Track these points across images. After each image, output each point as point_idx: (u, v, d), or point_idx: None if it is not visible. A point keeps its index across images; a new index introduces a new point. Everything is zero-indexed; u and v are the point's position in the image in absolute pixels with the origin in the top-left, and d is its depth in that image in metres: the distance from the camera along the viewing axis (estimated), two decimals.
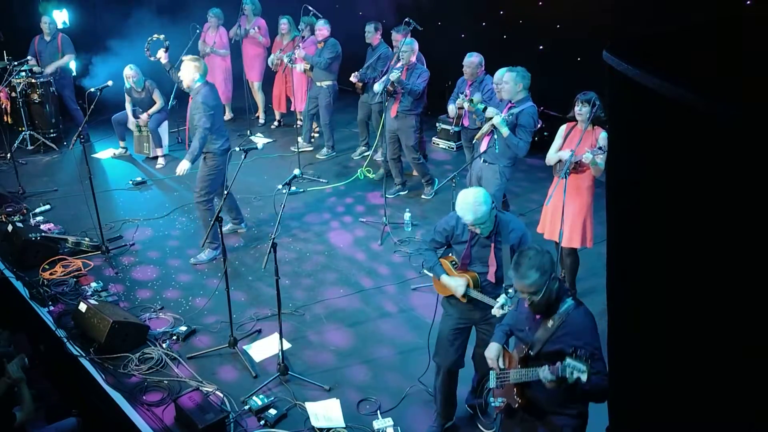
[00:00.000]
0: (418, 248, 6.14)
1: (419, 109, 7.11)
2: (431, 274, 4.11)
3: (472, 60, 6.50)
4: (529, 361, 3.20)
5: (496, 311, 3.66)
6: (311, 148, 8.90)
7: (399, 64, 6.95)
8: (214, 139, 5.99)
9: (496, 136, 5.59)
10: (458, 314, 4.03)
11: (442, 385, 4.18)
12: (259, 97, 9.79)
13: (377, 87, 7.01)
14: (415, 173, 7.57)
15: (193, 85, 5.99)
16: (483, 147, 5.76)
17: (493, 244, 3.80)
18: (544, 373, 2.98)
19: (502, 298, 3.65)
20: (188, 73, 5.98)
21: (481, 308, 3.88)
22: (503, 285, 3.75)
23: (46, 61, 8.96)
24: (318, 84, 8.30)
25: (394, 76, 6.63)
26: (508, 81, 5.55)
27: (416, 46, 7.01)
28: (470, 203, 3.67)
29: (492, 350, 3.39)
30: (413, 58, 6.98)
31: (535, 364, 3.14)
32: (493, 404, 3.45)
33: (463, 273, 3.92)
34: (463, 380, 4.29)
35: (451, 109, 6.75)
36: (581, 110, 5.01)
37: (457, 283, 3.88)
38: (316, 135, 9.32)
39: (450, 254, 4.10)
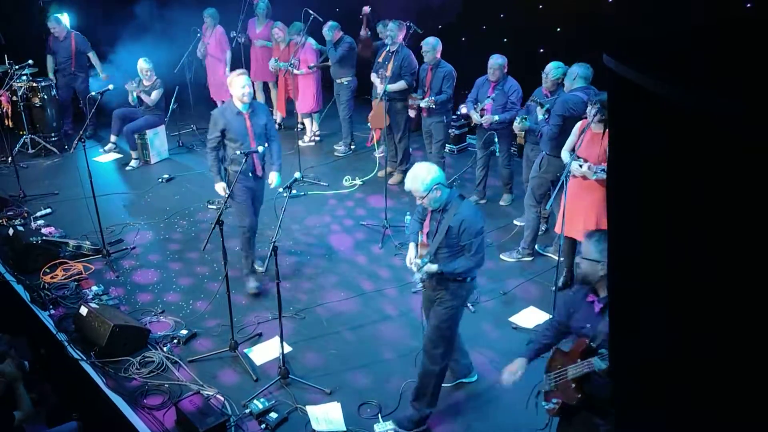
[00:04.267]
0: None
1: (450, 104, 7.22)
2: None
3: (495, 61, 6.56)
4: (589, 355, 3.12)
5: (416, 276, 4.10)
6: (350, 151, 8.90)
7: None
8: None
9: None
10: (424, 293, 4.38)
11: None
12: (274, 95, 9.71)
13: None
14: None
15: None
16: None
17: (438, 218, 4.06)
18: (597, 361, 2.97)
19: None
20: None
21: (432, 289, 4.16)
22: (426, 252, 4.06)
23: (61, 59, 9.01)
24: (338, 81, 8.39)
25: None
26: (569, 74, 5.77)
27: (440, 46, 7.06)
28: (413, 174, 3.96)
29: (511, 365, 3.48)
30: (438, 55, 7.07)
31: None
32: (545, 407, 3.37)
33: (424, 247, 4.19)
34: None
35: (471, 112, 6.82)
36: (589, 111, 5.04)
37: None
38: (317, 138, 9.32)
39: None
